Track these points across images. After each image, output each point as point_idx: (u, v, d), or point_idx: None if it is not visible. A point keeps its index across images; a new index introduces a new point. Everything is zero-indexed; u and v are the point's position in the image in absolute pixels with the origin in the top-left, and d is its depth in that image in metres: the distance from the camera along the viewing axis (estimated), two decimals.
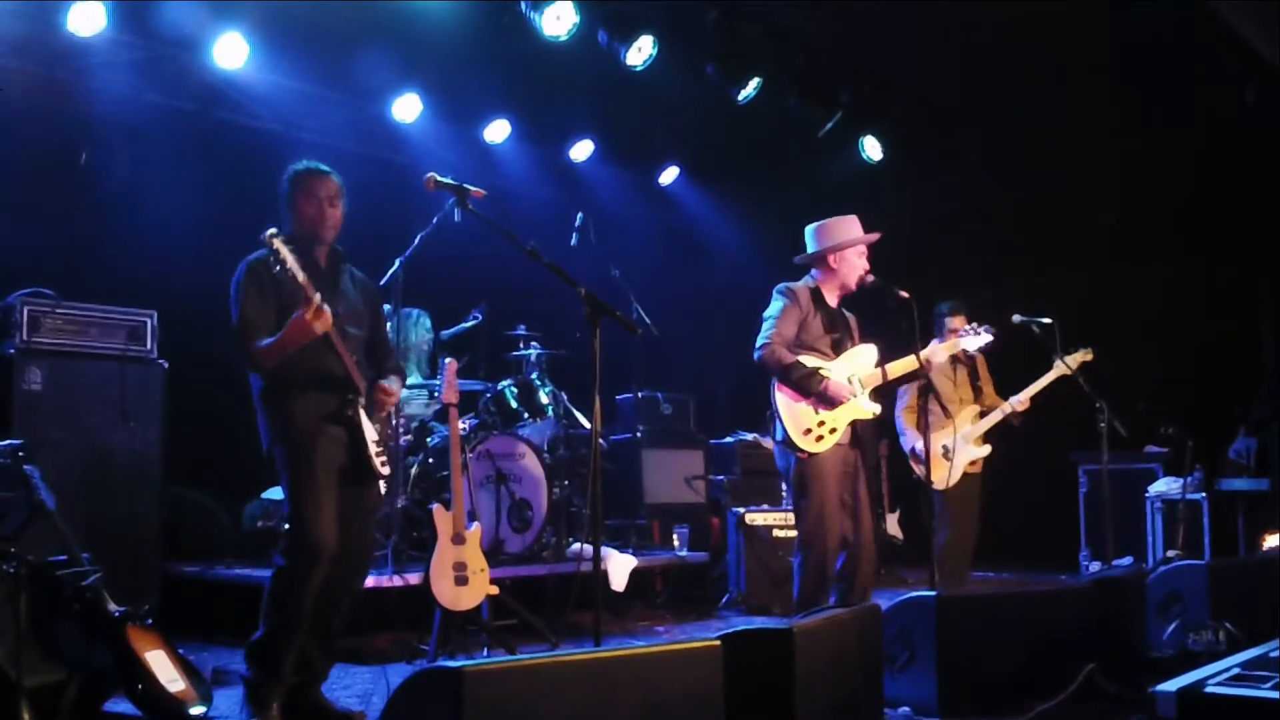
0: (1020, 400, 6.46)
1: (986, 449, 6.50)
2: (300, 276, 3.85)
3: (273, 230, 3.89)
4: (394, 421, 5.13)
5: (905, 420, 6.58)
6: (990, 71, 7.85)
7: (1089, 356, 6.44)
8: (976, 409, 6.55)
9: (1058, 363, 6.38)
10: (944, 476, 6.32)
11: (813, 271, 5.34)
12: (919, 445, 6.12)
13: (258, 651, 4.00)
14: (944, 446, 6.31)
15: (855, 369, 5.19)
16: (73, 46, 6.40)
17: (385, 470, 4.20)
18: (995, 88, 8.05)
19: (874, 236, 5.29)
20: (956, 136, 8.61)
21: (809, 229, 5.32)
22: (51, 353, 5.35)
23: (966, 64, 7.77)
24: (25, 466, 4.05)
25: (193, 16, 6.50)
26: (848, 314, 5.40)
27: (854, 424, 5.16)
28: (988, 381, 6.73)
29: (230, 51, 6.71)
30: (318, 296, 3.86)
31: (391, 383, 4.30)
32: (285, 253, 3.85)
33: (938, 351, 5.46)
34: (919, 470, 6.24)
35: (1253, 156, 8.02)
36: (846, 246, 5.22)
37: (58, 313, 5.39)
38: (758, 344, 5.15)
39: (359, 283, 4.40)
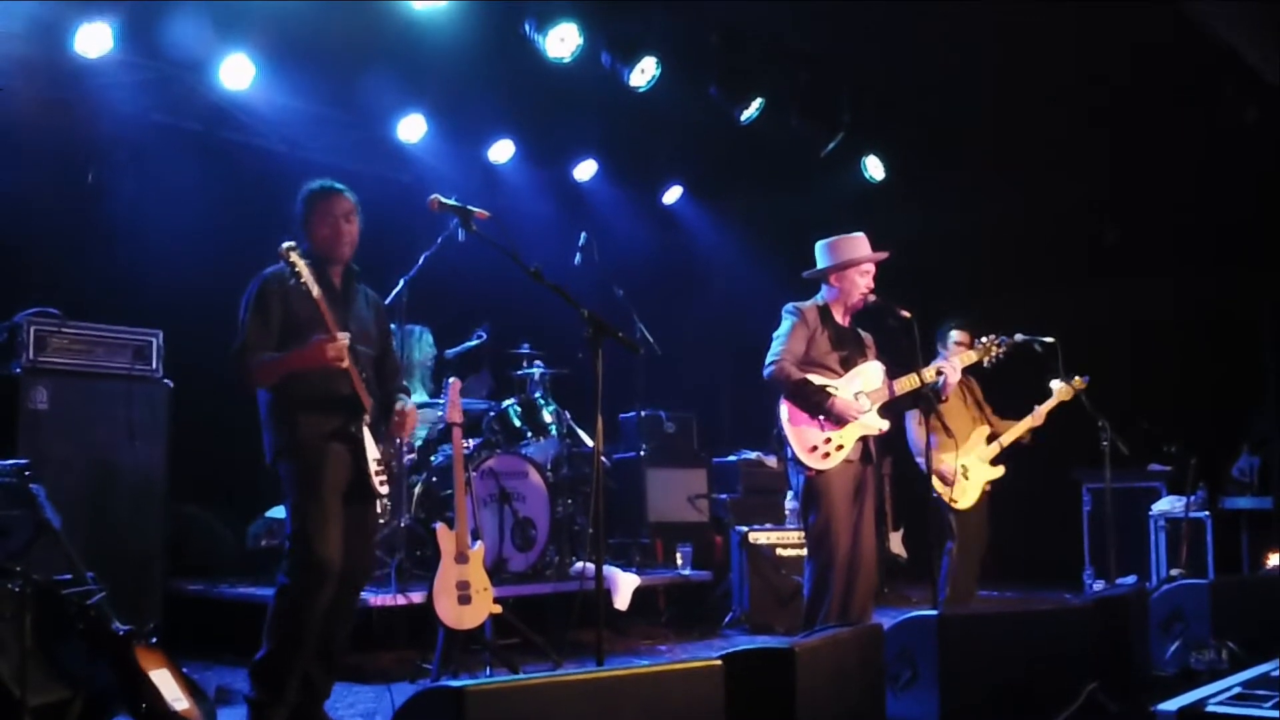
0: (1038, 415, 6.45)
1: (1000, 470, 6.47)
2: (315, 291, 3.90)
3: (290, 243, 3.93)
4: (398, 441, 5.15)
5: (920, 440, 6.38)
6: (991, 90, 7.88)
7: (1082, 385, 6.43)
8: (986, 430, 6.53)
9: (1060, 386, 6.36)
10: (966, 496, 6.29)
11: (822, 288, 5.36)
12: (943, 467, 6.15)
13: (261, 671, 4.00)
14: (963, 466, 6.28)
15: (862, 385, 5.21)
16: (80, 68, 6.44)
17: (384, 490, 4.21)
18: (996, 106, 8.09)
19: (879, 255, 5.28)
20: (958, 155, 8.63)
21: (818, 245, 5.33)
22: (57, 372, 5.37)
23: (967, 83, 7.80)
24: (31, 485, 4.06)
25: (199, 37, 6.54)
26: (862, 331, 5.41)
27: (864, 440, 5.18)
28: (984, 404, 6.71)
29: (236, 72, 6.75)
30: (344, 337, 3.90)
31: (406, 404, 4.31)
32: (302, 266, 3.90)
33: (954, 366, 5.42)
34: (942, 491, 6.24)
35: (1252, 172, 8.03)
36: (848, 266, 5.24)
37: (64, 332, 5.41)
38: (767, 362, 5.17)
39: (371, 302, 4.44)
